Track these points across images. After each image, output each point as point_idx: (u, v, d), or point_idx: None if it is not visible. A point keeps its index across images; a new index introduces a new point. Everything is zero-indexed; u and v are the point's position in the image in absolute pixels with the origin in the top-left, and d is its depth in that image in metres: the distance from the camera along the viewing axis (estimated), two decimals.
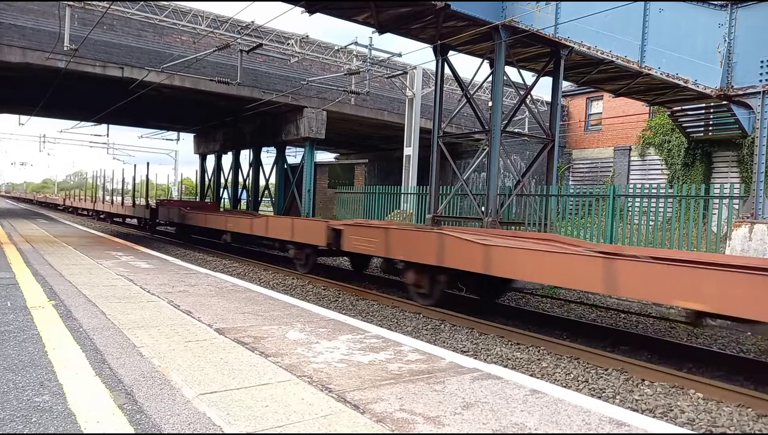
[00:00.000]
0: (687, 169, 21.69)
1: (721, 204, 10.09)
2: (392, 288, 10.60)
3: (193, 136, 30.05)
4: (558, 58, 12.78)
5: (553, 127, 13.29)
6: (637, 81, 14.47)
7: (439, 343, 6.74)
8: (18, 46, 14.36)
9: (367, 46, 18.19)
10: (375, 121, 22.19)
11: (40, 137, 44.26)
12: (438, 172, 13.65)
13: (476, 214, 12.97)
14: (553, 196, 12.85)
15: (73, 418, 2.55)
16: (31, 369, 3.23)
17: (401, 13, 11.64)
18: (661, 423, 2.95)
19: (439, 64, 13.38)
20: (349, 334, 4.50)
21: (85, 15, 15.11)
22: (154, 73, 15.98)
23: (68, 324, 4.34)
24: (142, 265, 8.35)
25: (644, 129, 24.26)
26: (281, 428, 2.54)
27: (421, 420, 2.72)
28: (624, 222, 11.71)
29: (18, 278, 6.49)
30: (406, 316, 8.30)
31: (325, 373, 3.41)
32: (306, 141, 20.34)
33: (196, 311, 5.09)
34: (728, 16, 9.37)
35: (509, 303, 9.59)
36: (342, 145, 33.38)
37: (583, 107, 28.30)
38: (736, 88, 9.37)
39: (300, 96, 19.09)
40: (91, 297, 5.50)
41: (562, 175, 27.77)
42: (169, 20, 16.10)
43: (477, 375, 3.51)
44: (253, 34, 17.13)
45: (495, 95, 12.05)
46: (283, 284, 10.91)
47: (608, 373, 5.72)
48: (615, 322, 8.54)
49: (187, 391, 2.97)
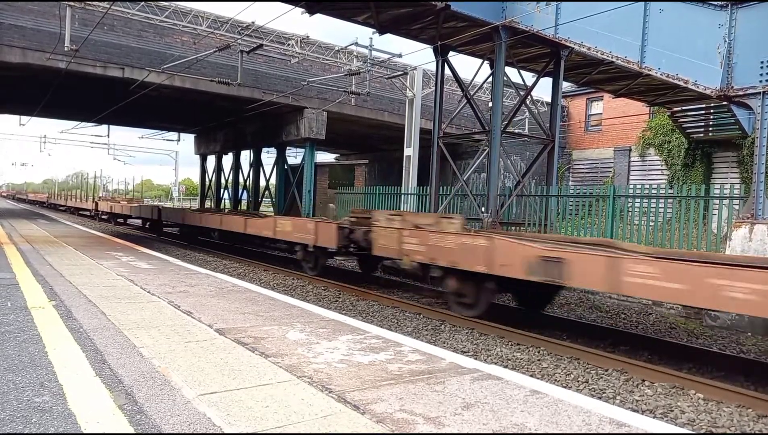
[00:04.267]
0: (687, 170, 21.68)
1: (721, 204, 10.08)
2: (392, 288, 10.61)
3: (193, 137, 30.06)
4: (558, 58, 12.78)
5: (553, 127, 13.29)
6: (637, 81, 14.48)
7: (439, 343, 6.73)
8: (18, 47, 14.36)
9: (368, 46, 18.19)
10: (375, 122, 22.20)
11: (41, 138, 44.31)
12: (438, 173, 13.65)
13: (476, 215, 12.97)
14: (553, 196, 12.85)
15: (73, 419, 2.55)
16: (32, 369, 3.23)
17: (401, 14, 11.65)
18: (661, 423, 2.95)
19: (439, 65, 13.39)
20: (350, 334, 4.50)
21: (86, 15, 15.11)
22: (154, 73, 15.98)
23: (68, 324, 4.34)
24: (142, 266, 8.35)
25: (644, 129, 24.25)
26: (281, 428, 2.54)
27: (421, 420, 2.71)
28: (624, 222, 11.71)
29: (18, 278, 6.49)
30: (406, 316, 8.29)
31: (326, 373, 3.41)
32: (306, 141, 20.34)
33: (197, 312, 5.09)
34: (728, 16, 9.37)
35: (509, 303, 9.58)
36: (342, 146, 33.38)
37: (583, 108, 28.29)
38: (736, 88, 9.36)
39: (300, 96, 19.10)
40: (91, 297, 5.50)
41: (562, 175, 27.76)
42: (169, 21, 16.11)
43: (477, 375, 3.51)
44: (253, 34, 17.13)
45: (495, 96, 12.05)
46: (284, 285, 10.91)
47: (608, 373, 5.72)
48: (615, 323, 8.54)
49: (188, 391, 2.97)
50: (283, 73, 19.16)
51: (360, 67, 18.88)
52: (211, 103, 19.94)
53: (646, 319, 8.89)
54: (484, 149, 13.13)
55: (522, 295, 8.64)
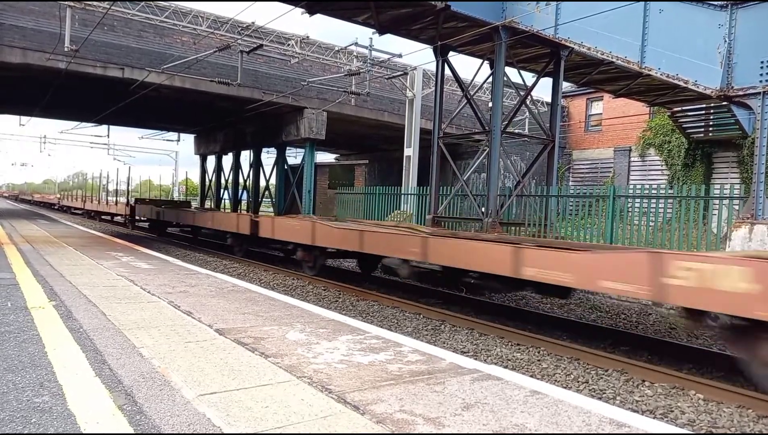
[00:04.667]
0: (687, 170, 21.69)
1: (721, 205, 10.08)
2: (392, 288, 10.60)
3: (193, 137, 30.05)
4: (558, 58, 12.78)
5: (553, 127, 13.29)
6: (637, 82, 14.48)
7: (439, 343, 6.73)
8: (18, 47, 14.37)
9: (368, 46, 18.20)
10: (375, 122, 22.20)
11: (41, 138, 44.39)
12: (438, 173, 13.65)
13: (476, 215, 12.97)
14: (553, 196, 12.85)
15: (73, 419, 2.55)
16: (31, 369, 3.23)
17: (401, 14, 11.65)
18: (661, 424, 2.95)
19: (439, 65, 13.39)
20: (349, 334, 4.50)
21: (86, 16, 15.12)
22: (154, 73, 15.98)
23: (68, 324, 4.34)
24: (142, 266, 8.34)
25: (644, 130, 24.26)
26: (281, 429, 2.54)
27: (421, 421, 2.71)
28: (624, 223, 11.71)
29: (18, 278, 6.49)
30: (406, 316, 8.29)
31: (325, 373, 3.40)
32: (306, 142, 20.34)
33: (197, 312, 5.09)
34: (728, 16, 9.37)
35: (509, 303, 9.58)
36: (342, 146, 33.38)
37: (583, 108, 28.30)
38: (736, 88, 9.36)
39: (300, 97, 19.10)
40: (91, 297, 5.49)
41: (562, 175, 27.76)
42: (169, 21, 16.12)
43: (477, 376, 3.51)
44: (253, 34, 17.14)
45: (495, 96, 12.05)
46: (284, 285, 10.91)
47: (608, 373, 5.72)
48: (615, 323, 8.54)
49: (187, 391, 2.96)
50: (283, 73, 19.16)
51: (360, 67, 18.88)
52: (211, 103, 19.94)
53: (646, 319, 8.89)
54: (484, 149, 13.13)
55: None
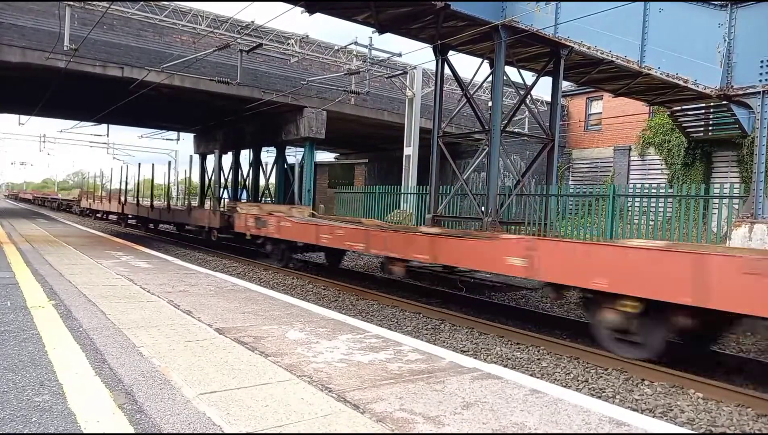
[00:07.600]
0: (687, 169, 21.68)
1: (720, 204, 10.08)
2: (391, 288, 10.60)
3: (193, 136, 30.03)
4: (558, 58, 12.76)
5: (553, 127, 13.27)
6: (637, 81, 14.45)
7: (439, 342, 6.74)
8: (18, 46, 14.34)
9: (367, 46, 18.18)
10: (375, 121, 22.17)
11: (40, 137, 44.24)
12: (438, 172, 13.63)
13: (476, 214, 12.96)
14: (553, 196, 12.84)
15: (73, 418, 2.55)
16: (31, 369, 3.23)
17: (401, 13, 11.64)
18: (660, 423, 2.96)
19: (439, 64, 13.36)
20: (349, 333, 4.50)
21: (85, 15, 15.09)
22: (154, 72, 15.96)
23: (68, 324, 4.34)
24: (142, 265, 8.34)
25: (644, 129, 24.25)
26: (281, 428, 2.54)
27: (421, 420, 2.72)
28: (624, 222, 11.71)
29: (18, 278, 6.49)
30: (405, 315, 8.30)
31: (325, 372, 3.41)
32: (306, 141, 20.33)
33: (196, 311, 5.09)
34: (728, 16, 9.36)
35: (509, 303, 9.58)
36: (342, 145, 33.36)
37: (582, 107, 28.28)
38: (735, 88, 9.35)
39: (300, 96, 19.08)
40: (91, 297, 5.49)
41: (562, 174, 27.76)
42: (169, 20, 16.09)
43: (477, 375, 3.51)
44: (253, 34, 17.12)
45: (495, 95, 12.03)
46: (283, 284, 10.91)
47: (608, 372, 5.72)
48: None
49: (187, 390, 2.97)
50: (283, 72, 19.14)
51: (360, 67, 18.87)
52: (210, 102, 19.92)
53: None
54: (483, 148, 13.12)
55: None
